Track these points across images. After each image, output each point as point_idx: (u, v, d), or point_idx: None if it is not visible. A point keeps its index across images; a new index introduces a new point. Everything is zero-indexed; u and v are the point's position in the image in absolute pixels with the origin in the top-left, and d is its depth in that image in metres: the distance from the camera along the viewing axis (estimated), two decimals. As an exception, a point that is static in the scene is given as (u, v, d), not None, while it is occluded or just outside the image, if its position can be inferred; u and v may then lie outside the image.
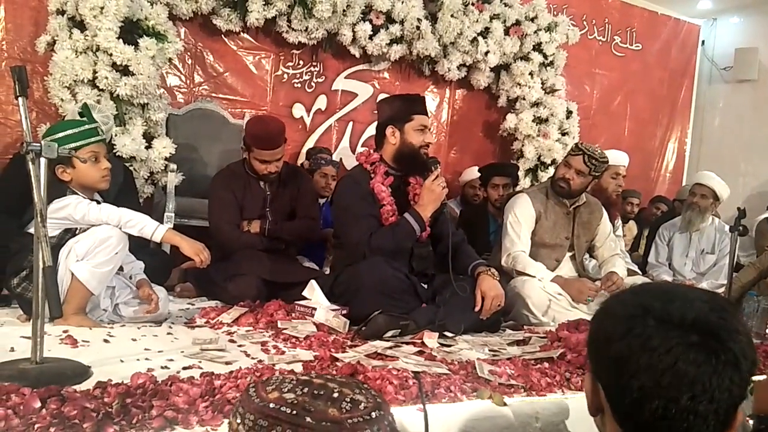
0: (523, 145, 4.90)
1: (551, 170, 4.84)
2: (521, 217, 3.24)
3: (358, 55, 4.39)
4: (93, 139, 2.37)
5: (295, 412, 0.83)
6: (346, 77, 4.58)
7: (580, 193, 3.29)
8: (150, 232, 2.33)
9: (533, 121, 4.86)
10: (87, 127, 2.39)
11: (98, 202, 2.38)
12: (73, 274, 2.24)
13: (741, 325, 0.84)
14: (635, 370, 0.82)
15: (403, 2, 4.23)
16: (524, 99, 4.87)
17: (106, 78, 3.29)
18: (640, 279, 3.45)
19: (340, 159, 4.41)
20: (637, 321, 0.84)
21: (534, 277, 3.12)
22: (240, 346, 2.19)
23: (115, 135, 3.34)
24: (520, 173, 4.83)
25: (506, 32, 4.69)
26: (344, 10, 4.09)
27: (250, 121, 3.31)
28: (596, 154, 3.19)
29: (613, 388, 0.86)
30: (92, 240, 2.25)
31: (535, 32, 4.79)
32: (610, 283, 3.08)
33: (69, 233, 2.32)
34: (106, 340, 2.14)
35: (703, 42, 6.39)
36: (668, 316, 0.82)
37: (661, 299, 0.85)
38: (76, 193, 2.36)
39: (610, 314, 0.89)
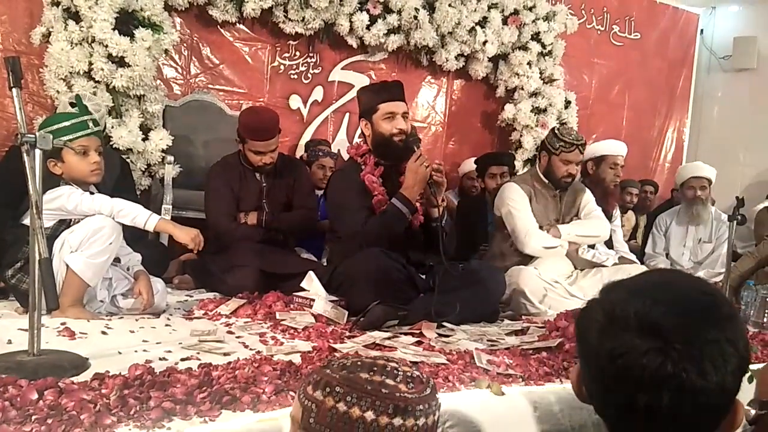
0: (521, 136, 4.88)
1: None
2: (519, 199, 3.26)
3: (355, 46, 4.37)
4: (81, 133, 2.32)
5: (372, 387, 1.00)
6: (342, 68, 4.55)
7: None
8: (142, 222, 2.32)
9: (532, 111, 4.84)
10: (76, 120, 2.35)
11: (91, 193, 2.37)
12: (67, 265, 2.23)
13: (714, 324, 0.81)
14: (603, 377, 0.83)
15: (400, -8, 4.21)
16: (522, 89, 4.85)
17: (102, 69, 3.27)
18: (636, 268, 3.45)
19: (338, 150, 4.40)
20: (604, 329, 0.84)
21: (557, 247, 3.23)
22: (238, 337, 2.19)
23: (112, 127, 3.33)
24: (519, 163, 4.82)
25: (504, 22, 4.66)
26: (341, 0, 4.07)
27: (244, 112, 3.29)
28: (581, 139, 3.28)
29: (591, 390, 0.88)
30: (85, 230, 2.25)
31: (534, 22, 4.76)
32: None
33: (63, 224, 2.32)
34: (103, 332, 2.14)
35: (701, 31, 6.36)
36: (628, 322, 0.81)
37: (626, 302, 0.84)
38: (69, 184, 2.35)
39: (586, 318, 0.89)
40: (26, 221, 2.26)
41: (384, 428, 0.98)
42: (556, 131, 3.31)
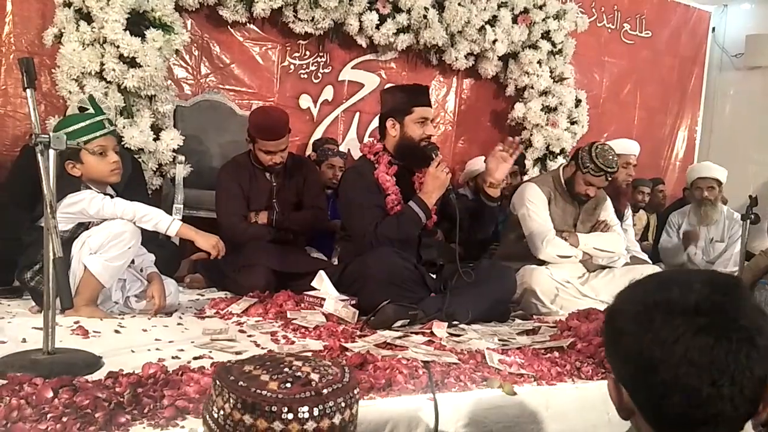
0: (531, 135, 4.86)
1: (560, 159, 4.81)
2: (538, 202, 3.20)
3: (364, 45, 4.37)
4: (98, 133, 2.34)
5: (237, 380, 0.98)
6: (352, 67, 4.56)
7: None
8: (165, 227, 2.34)
9: (542, 110, 4.82)
10: (92, 120, 2.36)
11: (111, 197, 2.39)
12: (85, 266, 2.25)
13: (748, 300, 0.83)
14: (651, 366, 0.81)
15: (410, -9, 4.20)
16: (532, 88, 4.82)
17: (114, 70, 3.29)
18: (648, 268, 3.43)
19: (348, 150, 4.40)
20: (642, 316, 0.83)
21: (571, 257, 3.16)
22: (250, 336, 2.20)
23: (123, 127, 3.35)
24: (529, 163, 4.80)
25: (514, 20, 4.64)
26: (350, 0, 4.07)
27: (254, 112, 3.30)
28: (613, 167, 3.13)
29: (634, 387, 0.86)
30: (106, 234, 2.27)
31: (544, 20, 4.74)
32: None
33: (82, 227, 2.34)
34: (117, 331, 2.15)
35: (713, 29, 6.30)
36: (669, 306, 0.81)
37: (661, 289, 0.84)
38: (90, 188, 2.36)
39: (617, 313, 0.88)
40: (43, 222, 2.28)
41: (249, 428, 0.93)
42: (593, 150, 3.13)
